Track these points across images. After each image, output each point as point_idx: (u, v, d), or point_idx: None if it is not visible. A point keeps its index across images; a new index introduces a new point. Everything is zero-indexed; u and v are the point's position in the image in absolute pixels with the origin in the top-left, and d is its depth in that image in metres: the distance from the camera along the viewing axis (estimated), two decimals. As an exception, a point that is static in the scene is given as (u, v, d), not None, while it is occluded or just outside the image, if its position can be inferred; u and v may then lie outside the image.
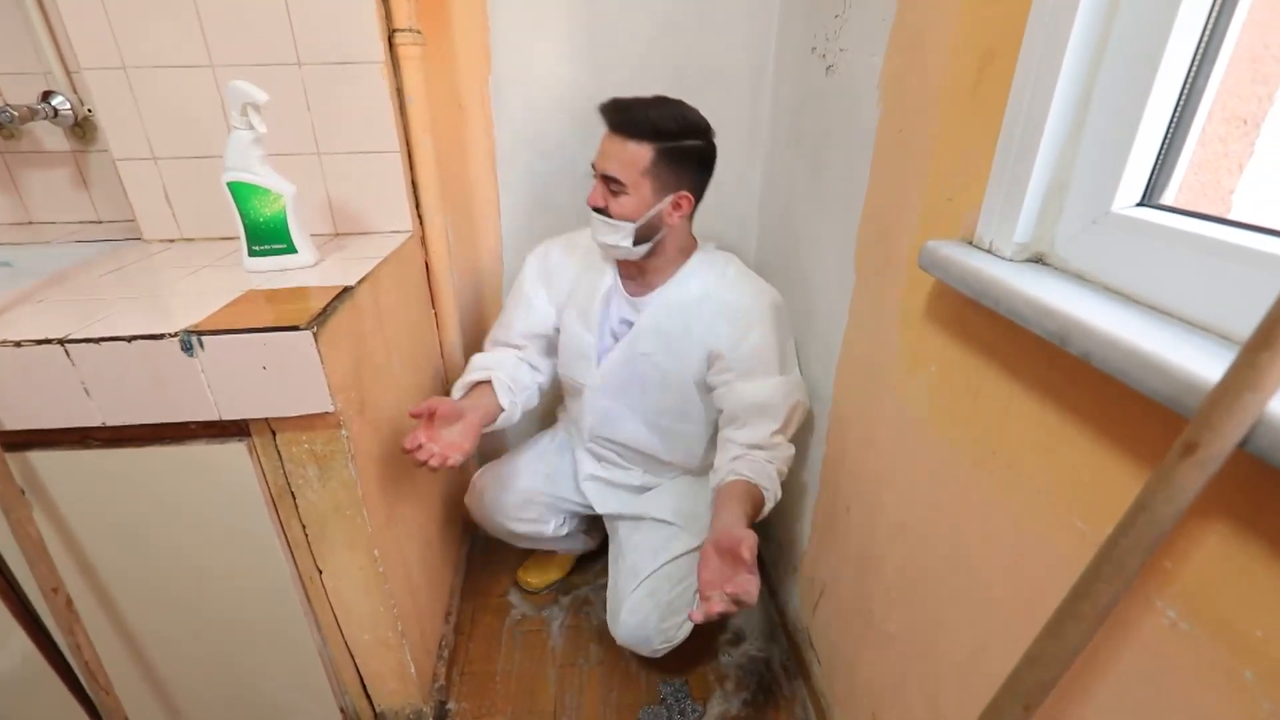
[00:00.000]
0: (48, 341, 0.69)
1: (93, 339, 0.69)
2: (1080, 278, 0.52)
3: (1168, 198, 0.49)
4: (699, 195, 0.96)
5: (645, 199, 0.92)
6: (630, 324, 1.04)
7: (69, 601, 0.79)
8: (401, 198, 1.05)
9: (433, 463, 0.88)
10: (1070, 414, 0.51)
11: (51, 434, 0.76)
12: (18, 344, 0.69)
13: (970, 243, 0.61)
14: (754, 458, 0.95)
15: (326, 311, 0.74)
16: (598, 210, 0.95)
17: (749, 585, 0.73)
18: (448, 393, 1.26)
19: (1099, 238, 0.51)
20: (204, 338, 0.69)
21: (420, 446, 0.88)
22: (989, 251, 0.58)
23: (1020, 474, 0.57)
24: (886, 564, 0.83)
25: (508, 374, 1.06)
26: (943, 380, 0.68)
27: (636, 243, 0.94)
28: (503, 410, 1.04)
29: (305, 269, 0.89)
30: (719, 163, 0.96)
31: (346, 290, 0.80)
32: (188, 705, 0.99)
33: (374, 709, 1.03)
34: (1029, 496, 0.56)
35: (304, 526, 0.84)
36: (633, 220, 0.93)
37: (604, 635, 1.23)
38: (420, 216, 1.11)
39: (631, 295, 1.04)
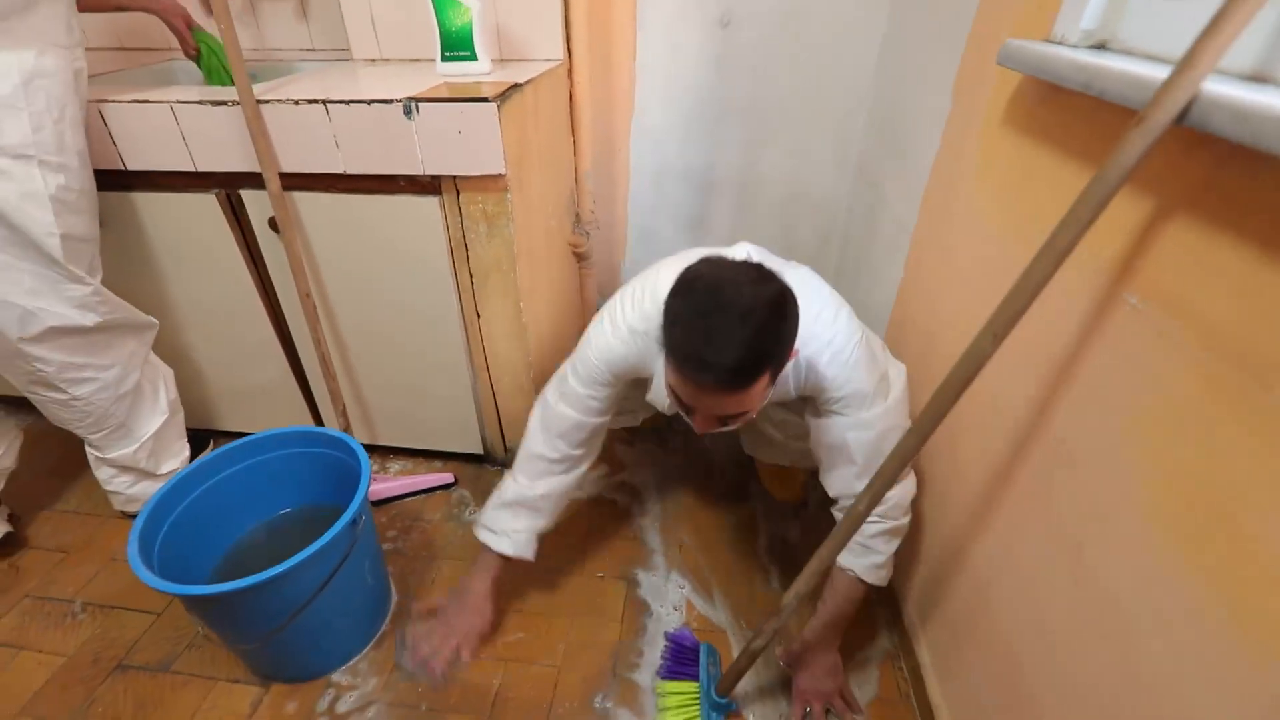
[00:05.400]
0: (314, 101, 0.95)
1: (344, 100, 0.94)
2: (1131, 53, 0.61)
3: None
4: None
5: (768, 393, 0.74)
6: None
7: (314, 306, 1.10)
8: (557, 28, 1.23)
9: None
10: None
11: (309, 179, 1.04)
12: (295, 102, 0.95)
13: (1046, 39, 0.70)
14: (855, 538, 0.86)
15: (506, 94, 0.95)
16: (710, 431, 0.78)
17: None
18: (577, 215, 1.47)
19: (1153, 16, 0.60)
20: (420, 104, 0.92)
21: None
22: (1059, 43, 0.68)
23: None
24: (939, 345, 0.97)
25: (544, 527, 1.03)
26: (1006, 172, 0.79)
27: None
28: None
29: (483, 75, 1.11)
30: (839, 26, 1.03)
31: (516, 86, 1.01)
32: (375, 410, 1.33)
33: (505, 443, 1.34)
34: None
35: (471, 275, 1.10)
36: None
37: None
38: (570, 49, 1.28)
39: None
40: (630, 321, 0.88)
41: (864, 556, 0.90)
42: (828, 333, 0.84)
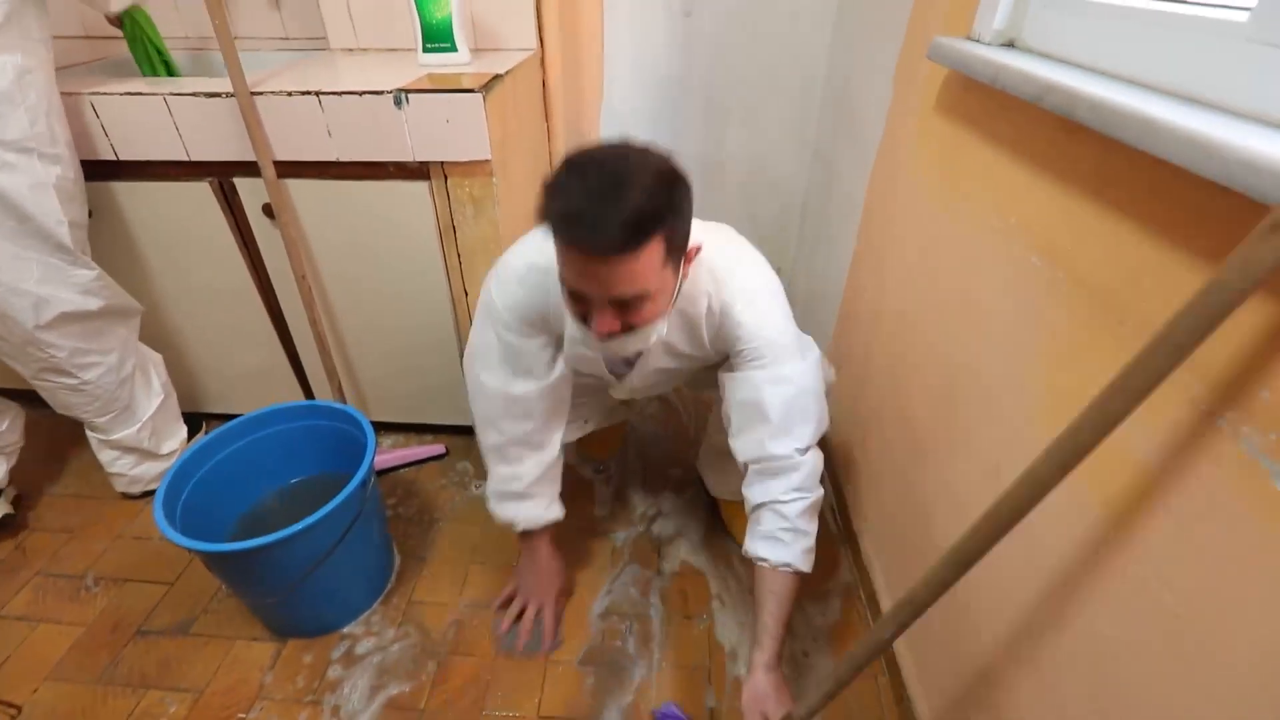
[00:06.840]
0: (308, 93, 1.01)
1: (336, 92, 1.00)
2: (1032, 52, 0.73)
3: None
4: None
5: (669, 284, 0.73)
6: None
7: (310, 288, 1.16)
8: (529, 18, 1.30)
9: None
10: (1009, 151, 0.74)
11: (302, 166, 1.10)
12: (289, 94, 1.01)
13: (966, 37, 0.82)
14: (779, 524, 0.86)
15: (490, 85, 1.02)
16: (613, 334, 0.72)
17: None
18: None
19: (1048, 21, 0.72)
20: (410, 95, 0.99)
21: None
22: (976, 40, 0.79)
23: (977, 207, 0.81)
24: (888, 301, 1.10)
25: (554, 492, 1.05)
26: (938, 153, 0.91)
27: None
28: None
29: (462, 65, 1.17)
30: (793, 14, 1.10)
31: (498, 76, 1.08)
32: (367, 387, 1.40)
33: (494, 414, 1.42)
34: (981, 227, 0.80)
35: (459, 256, 1.17)
36: (664, 312, 0.76)
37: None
38: (542, 39, 1.35)
39: None
40: (529, 258, 0.85)
41: (797, 542, 0.85)
42: (747, 275, 0.86)
